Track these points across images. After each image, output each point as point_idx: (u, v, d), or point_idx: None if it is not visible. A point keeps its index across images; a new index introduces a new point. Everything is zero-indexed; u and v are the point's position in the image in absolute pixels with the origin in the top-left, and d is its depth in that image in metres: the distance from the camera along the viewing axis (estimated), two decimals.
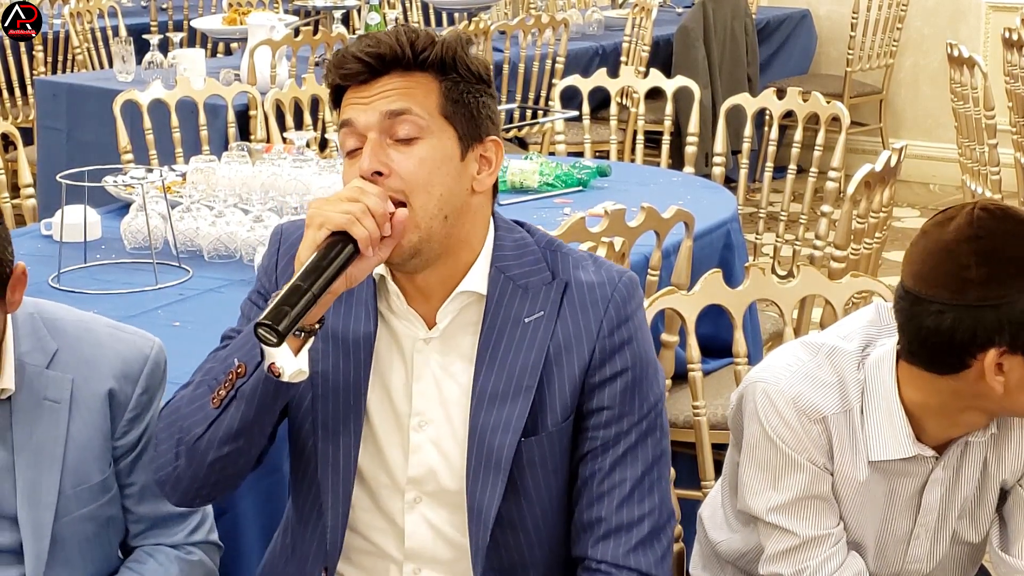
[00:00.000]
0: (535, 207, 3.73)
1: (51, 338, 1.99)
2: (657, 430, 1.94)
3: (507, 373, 1.88)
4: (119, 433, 2.02)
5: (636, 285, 1.94)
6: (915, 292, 1.93)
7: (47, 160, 5.41)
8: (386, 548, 1.96)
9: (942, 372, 1.96)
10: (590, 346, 1.88)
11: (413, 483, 1.92)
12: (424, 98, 1.82)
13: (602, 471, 1.91)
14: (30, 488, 1.96)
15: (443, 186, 1.83)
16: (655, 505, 1.92)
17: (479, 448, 1.88)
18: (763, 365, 2.13)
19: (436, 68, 1.83)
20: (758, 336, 3.70)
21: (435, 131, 1.83)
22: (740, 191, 4.45)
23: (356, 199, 1.77)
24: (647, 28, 6.60)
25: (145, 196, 3.25)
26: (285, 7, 7.37)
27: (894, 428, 2.03)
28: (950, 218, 1.94)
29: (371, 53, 1.82)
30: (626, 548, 1.90)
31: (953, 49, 5.04)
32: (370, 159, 1.81)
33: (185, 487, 1.88)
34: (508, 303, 1.89)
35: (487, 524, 1.89)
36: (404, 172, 1.81)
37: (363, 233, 1.76)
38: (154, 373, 2.04)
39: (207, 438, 1.83)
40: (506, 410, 1.88)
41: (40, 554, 1.97)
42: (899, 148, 3.67)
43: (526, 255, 1.92)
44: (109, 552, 2.08)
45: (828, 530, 2.09)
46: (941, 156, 7.27)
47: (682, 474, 2.57)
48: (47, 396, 1.97)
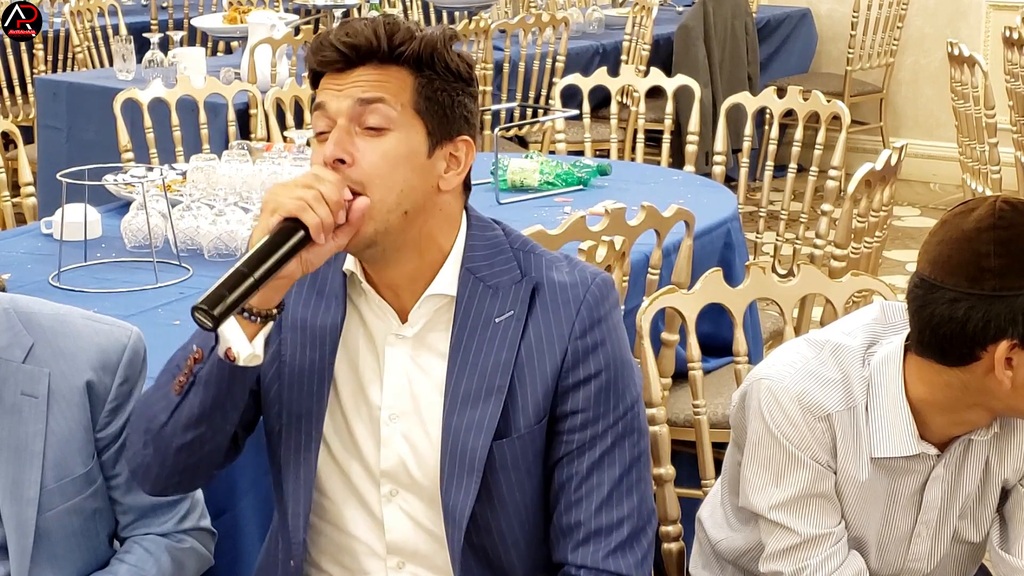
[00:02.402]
0: (535, 206, 3.73)
1: (26, 332, 1.98)
2: (635, 432, 1.92)
3: (479, 373, 1.87)
4: (100, 424, 2.01)
5: (610, 286, 1.92)
6: (931, 279, 1.92)
7: (47, 159, 5.41)
8: (369, 543, 1.96)
9: (951, 363, 1.95)
10: (562, 348, 1.87)
11: (386, 476, 1.92)
12: (397, 92, 1.82)
13: (579, 475, 1.90)
14: (11, 484, 1.96)
15: (405, 182, 1.82)
16: (634, 507, 1.91)
17: (452, 449, 1.88)
18: (767, 362, 2.13)
19: (412, 63, 1.82)
20: (758, 335, 3.70)
21: (404, 125, 1.82)
22: (740, 190, 4.45)
23: (311, 185, 1.76)
24: (647, 27, 6.60)
25: (145, 195, 3.24)
26: (286, 5, 7.37)
27: (899, 425, 2.03)
28: (971, 208, 1.93)
29: (347, 43, 1.81)
30: (605, 552, 1.89)
31: (954, 48, 5.04)
32: (334, 146, 1.80)
33: (155, 476, 1.89)
34: (479, 304, 1.88)
35: (461, 527, 1.88)
36: (366, 164, 1.80)
37: (314, 220, 1.74)
38: (133, 362, 2.03)
39: (171, 425, 1.83)
40: (478, 412, 1.87)
41: (24, 550, 1.96)
42: (899, 147, 3.67)
43: (497, 255, 1.91)
44: (98, 545, 2.07)
45: (829, 529, 2.09)
46: (941, 155, 7.27)
47: (682, 473, 2.57)
48: (24, 391, 1.97)
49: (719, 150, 4.55)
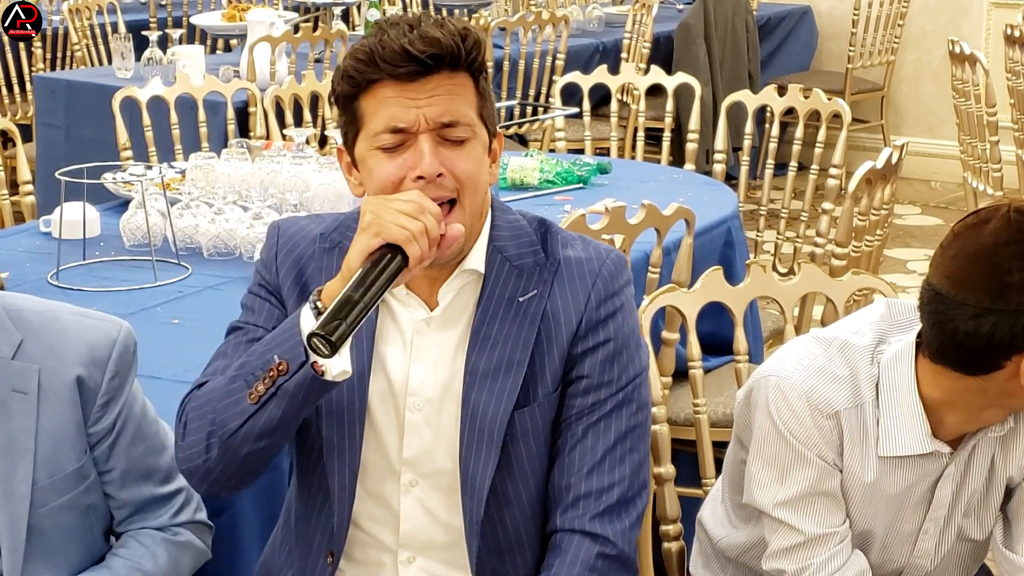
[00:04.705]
0: (535, 204, 3.72)
1: (16, 329, 1.97)
2: (634, 403, 1.95)
3: (499, 350, 1.91)
4: (92, 420, 2.00)
5: (624, 263, 1.98)
6: (950, 295, 1.92)
7: (46, 157, 5.40)
8: (380, 537, 1.97)
9: (973, 373, 1.95)
10: (578, 317, 1.92)
11: (408, 465, 1.94)
12: (467, 101, 1.86)
13: (574, 437, 1.93)
14: (3, 480, 1.95)
15: (484, 183, 1.89)
16: (625, 475, 1.93)
17: (471, 422, 1.91)
18: (775, 359, 2.12)
19: (474, 68, 1.86)
20: (759, 334, 3.70)
21: (477, 131, 1.87)
22: (741, 188, 4.44)
23: (416, 217, 1.77)
24: (648, 25, 6.59)
25: (144, 193, 3.24)
26: (284, 3, 7.36)
27: (912, 424, 2.03)
28: (984, 220, 1.93)
29: (429, 53, 1.80)
30: (592, 515, 1.91)
31: (955, 46, 5.03)
32: (433, 163, 1.82)
33: (215, 478, 1.90)
34: (504, 283, 1.93)
35: (481, 499, 1.91)
36: (460, 173, 1.84)
37: (417, 253, 1.78)
38: (123, 357, 2.01)
39: (243, 432, 1.84)
40: (499, 384, 1.90)
41: (16, 547, 1.95)
42: (900, 145, 3.67)
43: (521, 236, 1.95)
44: (93, 540, 2.06)
45: (833, 528, 2.09)
46: (942, 153, 7.26)
47: (683, 472, 2.56)
48: (15, 387, 1.95)
49: (719, 148, 4.54)
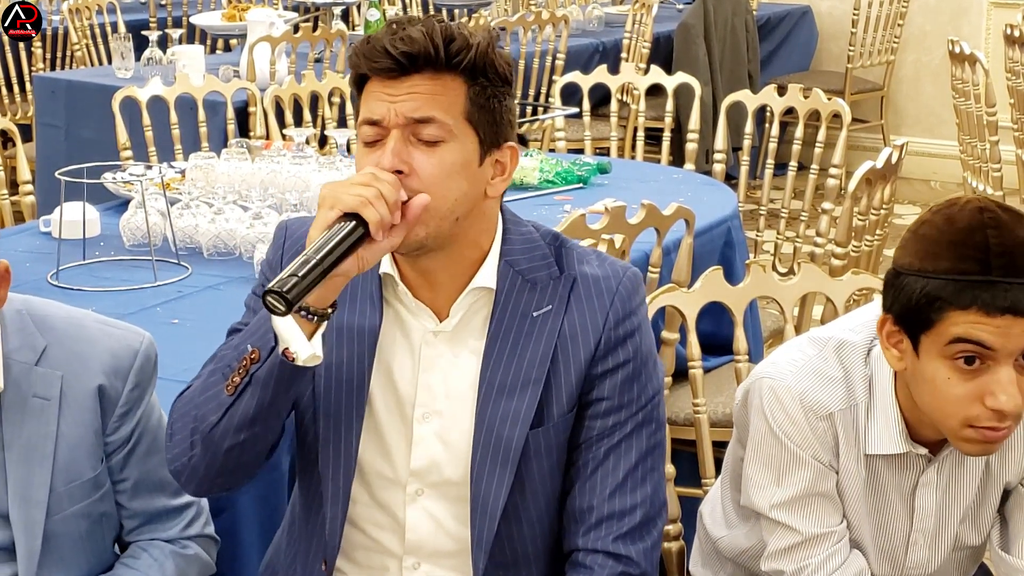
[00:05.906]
0: (535, 204, 3.72)
1: (40, 335, 1.98)
2: (653, 422, 1.95)
3: (515, 366, 1.89)
4: (110, 429, 2.01)
5: (640, 281, 1.96)
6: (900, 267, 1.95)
7: (46, 157, 5.40)
8: (385, 543, 1.97)
9: None
10: (596, 337, 1.90)
11: (416, 475, 1.93)
12: (451, 103, 1.82)
13: (596, 459, 1.92)
14: (21, 486, 1.96)
15: (459, 191, 1.83)
16: (647, 496, 1.93)
17: (486, 440, 1.89)
18: (770, 360, 2.12)
19: (467, 72, 1.82)
20: (759, 334, 3.70)
21: (458, 135, 1.83)
22: (741, 188, 4.44)
23: (369, 184, 1.76)
24: (648, 24, 6.59)
25: (144, 193, 3.24)
26: (284, 3, 7.36)
27: (889, 423, 2.03)
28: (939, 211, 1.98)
29: (403, 52, 1.79)
30: (616, 535, 1.91)
31: (955, 46, 5.03)
32: (391, 157, 1.80)
33: (201, 476, 1.89)
34: (517, 297, 1.91)
35: (493, 516, 1.90)
36: (424, 174, 1.81)
37: (375, 216, 1.75)
38: (144, 368, 2.03)
39: (223, 426, 1.83)
40: (514, 402, 1.89)
41: (32, 552, 1.96)
42: (900, 145, 3.66)
43: (534, 250, 1.93)
44: (103, 548, 2.07)
45: (831, 528, 2.09)
46: (942, 153, 7.26)
47: (682, 472, 2.57)
48: (36, 393, 1.96)
49: (719, 148, 4.54)
